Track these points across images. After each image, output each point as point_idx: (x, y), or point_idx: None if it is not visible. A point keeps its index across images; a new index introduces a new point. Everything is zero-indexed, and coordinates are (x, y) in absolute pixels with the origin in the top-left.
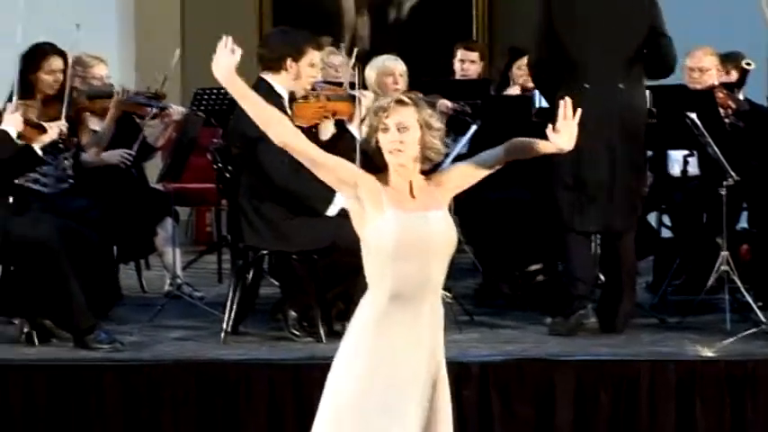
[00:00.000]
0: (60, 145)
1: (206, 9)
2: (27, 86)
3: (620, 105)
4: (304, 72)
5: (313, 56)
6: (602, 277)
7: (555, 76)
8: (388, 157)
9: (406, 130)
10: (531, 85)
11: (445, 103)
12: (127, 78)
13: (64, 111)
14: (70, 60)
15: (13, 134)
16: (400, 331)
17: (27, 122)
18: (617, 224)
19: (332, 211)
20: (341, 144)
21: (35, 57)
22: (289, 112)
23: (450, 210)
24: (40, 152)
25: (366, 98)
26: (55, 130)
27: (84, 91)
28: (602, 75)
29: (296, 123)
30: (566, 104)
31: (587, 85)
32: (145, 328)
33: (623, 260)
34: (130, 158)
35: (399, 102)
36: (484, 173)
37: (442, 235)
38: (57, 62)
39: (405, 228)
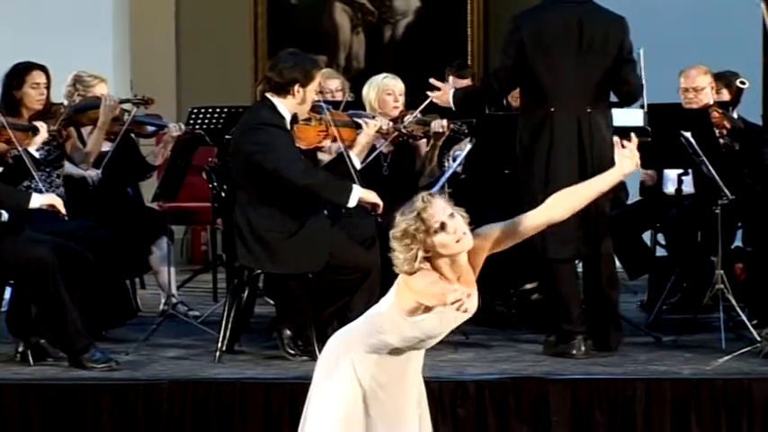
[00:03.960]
0: (53, 144)
1: (201, 28)
2: (12, 104)
3: (588, 128)
4: (309, 97)
5: (319, 79)
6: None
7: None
8: (455, 247)
9: (453, 216)
10: None
11: (441, 123)
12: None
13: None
14: (71, 79)
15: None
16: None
17: (15, 127)
18: (593, 248)
19: (352, 202)
20: (339, 168)
21: (18, 73)
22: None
23: None
24: (36, 154)
25: (370, 126)
26: (45, 126)
27: (69, 105)
28: (571, 99)
29: (296, 144)
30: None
31: (553, 109)
32: (140, 348)
33: (604, 282)
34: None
35: (431, 196)
36: (518, 239)
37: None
38: (40, 76)
39: (444, 321)
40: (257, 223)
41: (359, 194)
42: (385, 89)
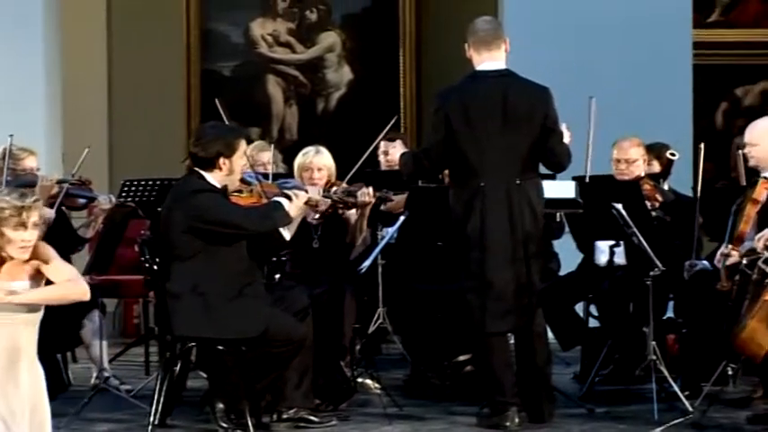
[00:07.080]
0: None
1: (134, 99)
2: None
3: (518, 199)
4: (236, 167)
5: (243, 147)
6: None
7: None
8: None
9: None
10: None
11: (367, 191)
12: (54, 171)
13: None
14: None
15: None
16: None
17: None
18: (526, 321)
19: (293, 212)
20: (268, 240)
21: None
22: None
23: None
24: None
25: (299, 197)
26: None
27: (6, 182)
28: (500, 172)
29: None
30: None
31: (483, 184)
32: (71, 422)
33: (537, 354)
34: None
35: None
36: None
37: None
38: None
39: None
40: (197, 289)
41: (286, 205)
42: (302, 167)
